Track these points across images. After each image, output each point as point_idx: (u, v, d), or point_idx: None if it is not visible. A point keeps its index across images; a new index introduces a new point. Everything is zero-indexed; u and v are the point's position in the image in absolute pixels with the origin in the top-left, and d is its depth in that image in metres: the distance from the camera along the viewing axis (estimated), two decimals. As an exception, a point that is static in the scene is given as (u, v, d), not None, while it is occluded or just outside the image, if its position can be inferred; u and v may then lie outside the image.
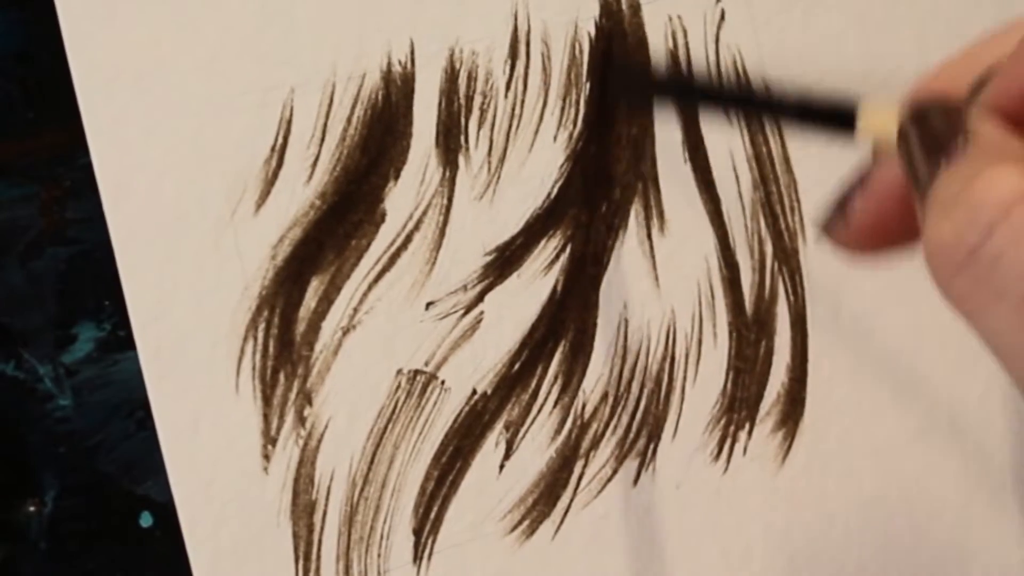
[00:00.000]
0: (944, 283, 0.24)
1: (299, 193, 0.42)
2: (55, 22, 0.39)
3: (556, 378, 0.46)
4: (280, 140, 0.42)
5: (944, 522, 0.53)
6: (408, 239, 0.44)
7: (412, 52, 0.43)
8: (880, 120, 0.29)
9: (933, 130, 0.26)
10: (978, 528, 0.53)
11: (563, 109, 0.46)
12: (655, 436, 0.48)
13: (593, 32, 0.46)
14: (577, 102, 0.46)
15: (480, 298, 0.45)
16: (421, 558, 0.44)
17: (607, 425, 0.47)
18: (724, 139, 0.48)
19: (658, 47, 0.47)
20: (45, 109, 0.39)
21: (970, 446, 0.53)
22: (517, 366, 0.45)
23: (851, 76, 0.50)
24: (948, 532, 0.53)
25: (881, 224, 0.29)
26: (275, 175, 0.42)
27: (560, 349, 0.46)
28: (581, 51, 0.46)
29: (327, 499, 0.43)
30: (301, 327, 0.42)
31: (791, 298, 0.50)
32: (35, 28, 0.39)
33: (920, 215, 0.26)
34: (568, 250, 0.46)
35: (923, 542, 0.53)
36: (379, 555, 0.43)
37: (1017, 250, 0.23)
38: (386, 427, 0.43)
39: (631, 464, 0.47)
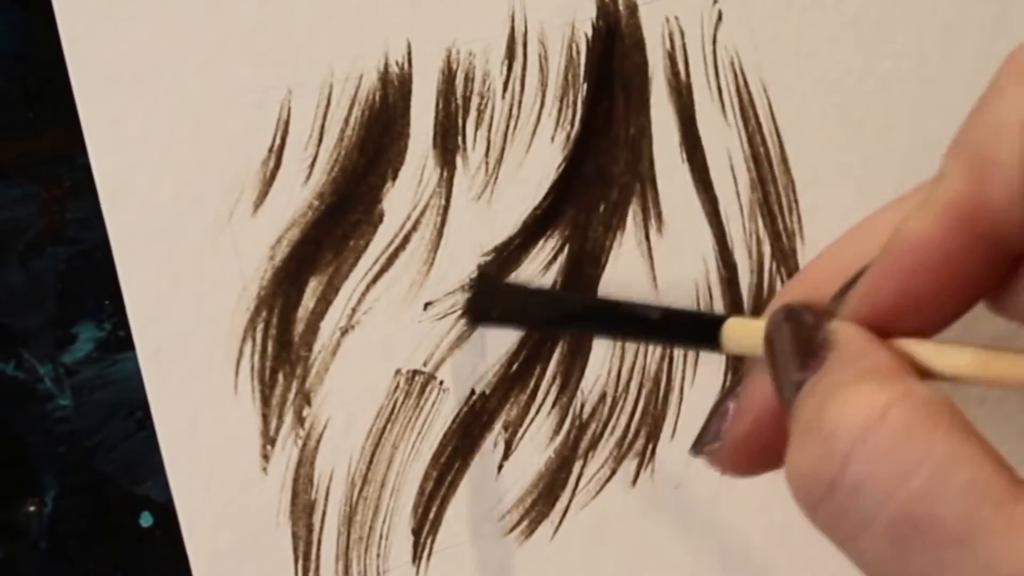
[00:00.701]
0: (809, 514, 0.23)
1: (297, 194, 0.42)
2: (54, 22, 0.39)
3: (554, 378, 0.46)
4: (278, 141, 0.42)
5: (944, 522, 0.53)
6: (406, 239, 0.44)
7: (409, 53, 0.44)
8: (745, 331, 0.29)
9: (797, 337, 0.25)
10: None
11: (560, 110, 0.46)
12: (654, 436, 0.48)
13: (590, 33, 0.46)
14: (574, 103, 0.46)
15: (478, 298, 0.45)
16: (420, 558, 0.44)
17: (606, 425, 0.47)
18: (722, 139, 0.48)
19: (655, 47, 0.47)
20: (45, 109, 0.40)
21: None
22: (515, 366, 0.45)
23: (849, 77, 0.51)
24: (948, 532, 0.53)
25: (755, 442, 0.29)
26: (273, 176, 0.42)
27: (558, 349, 0.46)
28: (578, 52, 0.46)
29: (326, 499, 0.43)
30: (299, 327, 0.42)
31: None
32: (35, 28, 0.39)
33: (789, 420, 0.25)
34: (566, 251, 0.46)
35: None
36: (378, 555, 0.44)
37: (876, 476, 0.22)
38: (385, 427, 0.44)
39: (630, 464, 0.47)
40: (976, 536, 0.21)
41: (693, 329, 0.31)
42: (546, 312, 0.37)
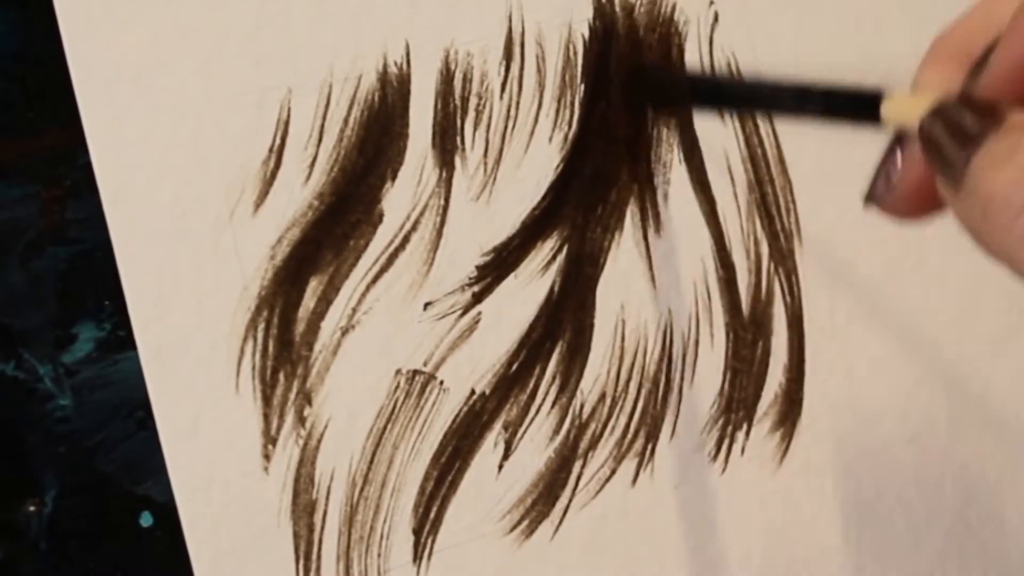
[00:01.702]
0: (1003, 230, 0.25)
1: (297, 194, 0.42)
2: (55, 22, 0.39)
3: (554, 378, 0.46)
4: (278, 141, 0.42)
5: (943, 522, 0.53)
6: (406, 240, 0.44)
7: (408, 53, 0.44)
8: (905, 107, 0.30)
9: (965, 117, 0.27)
10: (978, 528, 0.54)
11: (558, 110, 0.46)
12: (653, 436, 0.48)
13: (587, 34, 0.46)
14: (572, 103, 0.46)
15: (478, 299, 0.45)
16: (421, 558, 0.44)
17: (605, 425, 0.47)
18: (719, 140, 0.49)
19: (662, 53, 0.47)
20: (45, 109, 0.40)
21: (968, 446, 0.54)
22: (515, 366, 0.46)
23: (847, 77, 0.51)
24: (947, 532, 0.53)
25: (925, 187, 0.30)
26: (273, 176, 0.42)
27: (558, 349, 0.46)
28: (575, 53, 0.46)
29: (327, 499, 0.43)
30: (300, 327, 0.43)
31: (787, 299, 0.50)
32: (35, 28, 0.39)
33: (948, 192, 0.27)
34: (565, 251, 0.46)
35: (922, 542, 0.53)
36: (379, 555, 0.44)
37: None
38: (385, 427, 0.44)
39: (629, 464, 0.47)
40: None
41: (854, 105, 0.31)
42: (715, 94, 0.38)
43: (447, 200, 0.44)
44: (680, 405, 0.48)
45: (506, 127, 0.45)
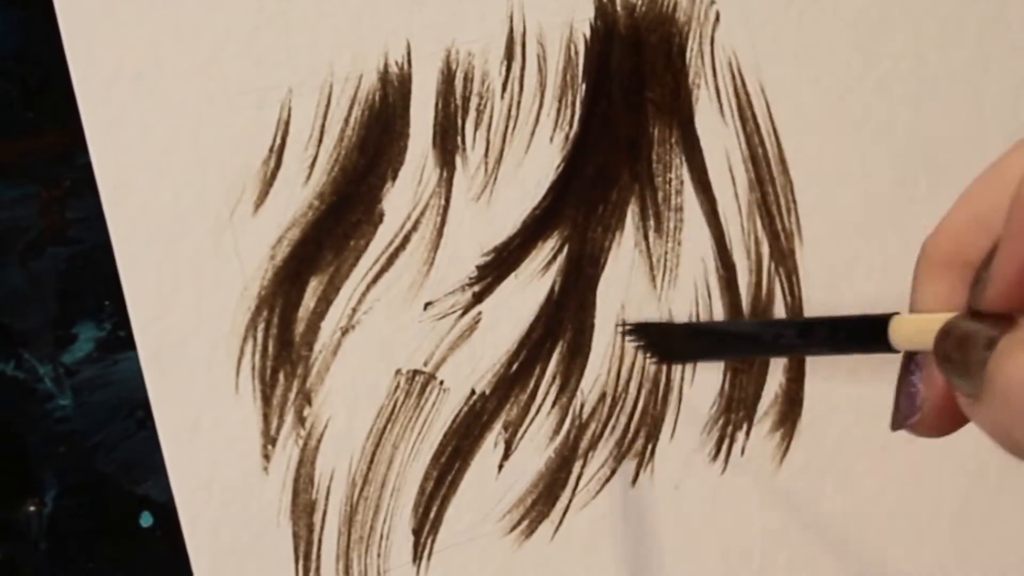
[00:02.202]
0: None
1: (297, 194, 0.42)
2: (55, 22, 0.39)
3: (554, 378, 0.46)
4: (278, 141, 0.42)
5: (944, 522, 0.53)
6: (406, 239, 0.44)
7: (409, 53, 0.44)
8: (914, 329, 0.30)
9: (974, 332, 0.27)
10: (978, 528, 0.54)
11: (559, 110, 0.46)
12: (653, 436, 0.48)
13: (588, 34, 0.46)
14: (573, 103, 0.46)
15: (478, 299, 0.45)
16: (421, 558, 0.44)
17: (605, 425, 0.47)
18: (720, 140, 0.48)
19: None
20: (45, 109, 0.40)
21: (969, 446, 0.53)
22: (515, 366, 0.45)
23: (847, 77, 0.51)
24: (948, 532, 0.53)
25: (951, 402, 0.30)
26: (273, 176, 0.42)
27: (558, 349, 0.46)
28: (576, 52, 0.46)
29: (327, 499, 0.43)
30: (300, 327, 0.42)
31: (788, 298, 0.50)
32: (35, 28, 0.39)
33: (967, 405, 0.27)
34: (565, 251, 0.46)
35: (923, 542, 0.53)
36: (379, 555, 0.44)
37: None
38: (385, 427, 0.44)
39: (629, 464, 0.47)
40: None
41: (860, 334, 0.31)
42: (714, 345, 0.39)
43: (448, 200, 0.44)
44: (680, 405, 0.48)
45: (507, 127, 0.45)
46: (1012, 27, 0.54)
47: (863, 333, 0.31)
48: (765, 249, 0.49)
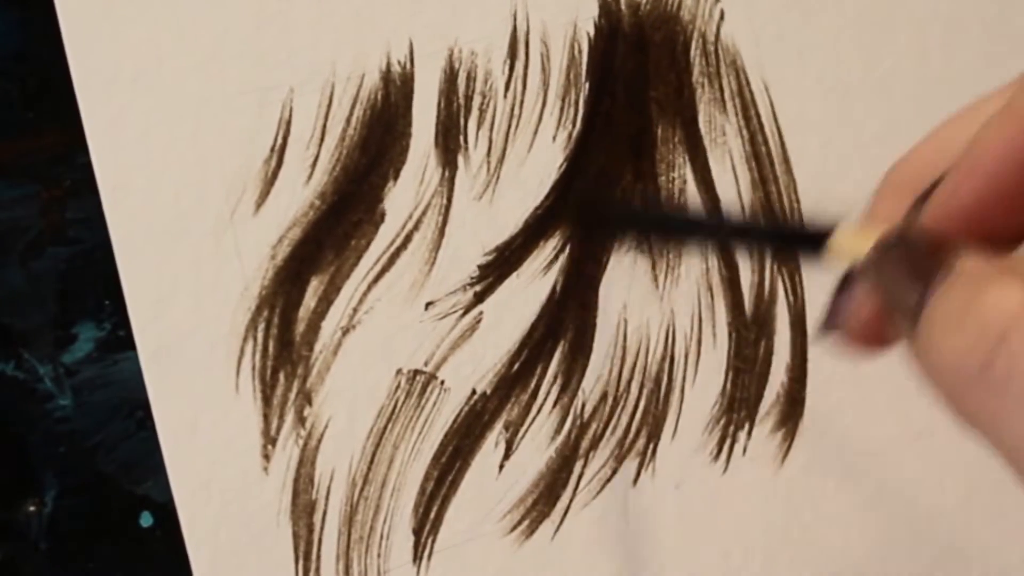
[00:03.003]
0: (958, 398, 0.24)
1: (298, 193, 0.42)
2: (55, 22, 0.39)
3: (555, 378, 0.46)
4: (280, 140, 0.42)
5: (944, 522, 0.53)
6: (408, 239, 0.44)
7: (411, 52, 0.43)
8: (853, 243, 0.29)
9: (912, 256, 0.26)
10: (978, 528, 0.53)
11: (562, 109, 0.46)
12: (655, 436, 0.48)
13: (592, 32, 0.46)
14: (576, 102, 0.46)
15: (479, 298, 0.45)
16: (421, 558, 0.44)
17: (606, 425, 0.47)
18: (723, 139, 0.48)
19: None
20: (45, 109, 0.40)
21: (970, 446, 0.53)
22: (516, 366, 0.45)
23: (851, 76, 0.51)
24: (948, 532, 0.53)
25: (879, 324, 0.29)
26: (274, 175, 0.42)
27: (559, 349, 0.46)
28: (580, 51, 0.46)
29: (327, 499, 0.43)
30: (301, 327, 0.42)
31: (791, 298, 0.50)
32: (35, 28, 0.39)
33: (905, 332, 0.26)
34: (567, 250, 0.46)
35: (923, 542, 0.53)
36: (379, 555, 0.43)
37: None
38: (386, 427, 0.43)
39: (631, 464, 0.47)
40: None
41: (804, 239, 0.31)
42: (657, 226, 0.37)
43: (449, 199, 0.44)
44: (682, 405, 0.48)
45: (510, 126, 0.45)
46: (1015, 26, 0.53)
47: (807, 239, 0.30)
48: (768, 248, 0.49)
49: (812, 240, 0.30)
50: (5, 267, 0.39)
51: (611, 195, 0.46)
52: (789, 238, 0.31)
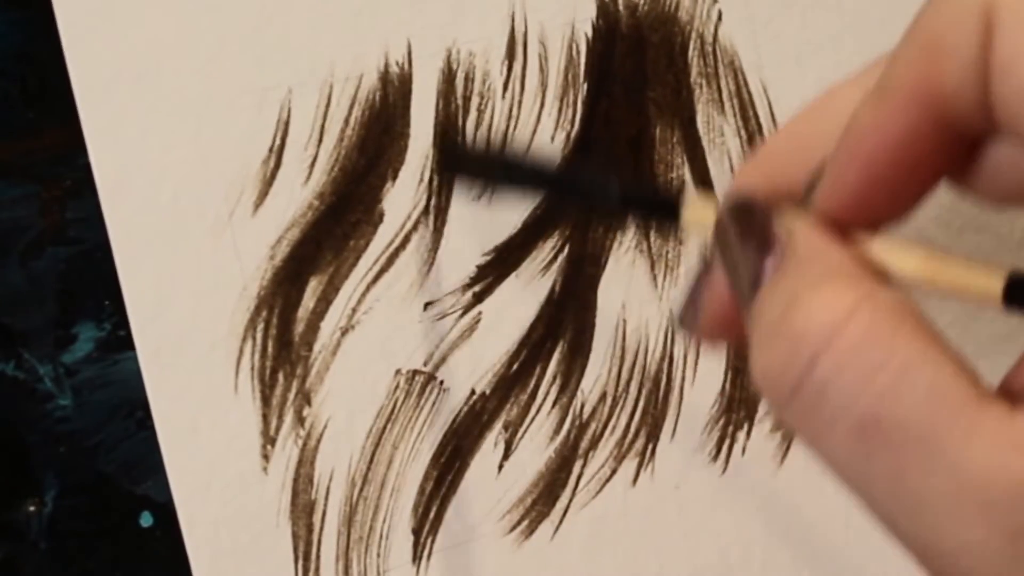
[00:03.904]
0: (776, 411, 0.24)
1: (297, 194, 0.42)
2: (55, 22, 0.39)
3: (555, 378, 0.46)
4: (278, 141, 0.42)
5: (944, 522, 0.53)
6: (406, 239, 0.44)
7: (409, 53, 0.44)
8: (704, 214, 0.28)
9: (748, 234, 0.25)
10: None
11: (560, 110, 0.46)
12: (654, 436, 0.48)
13: (590, 33, 0.46)
14: (574, 103, 0.46)
15: (478, 299, 0.45)
16: (420, 558, 0.44)
17: (606, 425, 0.47)
18: (722, 140, 0.48)
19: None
20: (45, 109, 0.40)
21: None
22: (516, 366, 0.45)
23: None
24: (948, 532, 0.53)
25: (730, 315, 0.28)
26: (273, 175, 0.42)
27: (559, 349, 0.46)
28: (578, 52, 0.46)
29: (326, 499, 0.43)
30: (300, 327, 0.42)
31: (789, 298, 0.50)
32: (35, 28, 0.39)
33: (745, 321, 0.25)
34: (566, 250, 0.46)
35: (923, 542, 0.52)
36: (378, 555, 0.44)
37: (841, 378, 0.22)
38: (385, 427, 0.44)
39: (630, 464, 0.47)
40: (938, 438, 0.21)
41: (658, 206, 0.30)
42: (509, 174, 0.36)
43: (448, 200, 0.44)
44: (681, 405, 0.48)
45: (508, 127, 0.45)
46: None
47: (661, 207, 0.29)
48: (767, 249, 0.49)
49: (666, 208, 0.28)
50: (5, 267, 0.40)
51: (466, 141, 0.45)
52: (642, 204, 0.30)
